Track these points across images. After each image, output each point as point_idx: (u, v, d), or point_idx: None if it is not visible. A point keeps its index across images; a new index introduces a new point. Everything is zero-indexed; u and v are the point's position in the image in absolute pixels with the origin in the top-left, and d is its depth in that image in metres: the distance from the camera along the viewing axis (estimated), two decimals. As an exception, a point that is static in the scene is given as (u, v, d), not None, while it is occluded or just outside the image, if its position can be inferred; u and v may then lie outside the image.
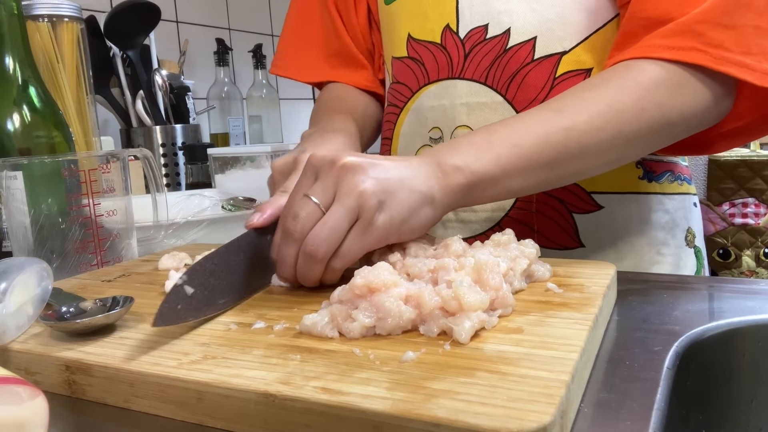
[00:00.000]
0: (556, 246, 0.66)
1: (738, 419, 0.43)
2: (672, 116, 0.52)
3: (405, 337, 0.36)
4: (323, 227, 0.43)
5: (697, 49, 0.51)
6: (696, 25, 0.51)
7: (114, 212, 0.62)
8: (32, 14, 0.80)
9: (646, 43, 0.53)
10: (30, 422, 0.28)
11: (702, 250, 0.72)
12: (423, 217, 0.46)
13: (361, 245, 0.44)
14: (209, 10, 1.68)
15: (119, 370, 0.35)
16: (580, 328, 0.35)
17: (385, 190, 0.44)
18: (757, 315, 0.43)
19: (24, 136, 0.67)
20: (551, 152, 0.50)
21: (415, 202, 0.45)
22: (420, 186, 0.45)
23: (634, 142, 0.53)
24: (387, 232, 0.44)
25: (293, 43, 0.85)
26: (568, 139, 0.50)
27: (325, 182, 0.45)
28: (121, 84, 1.25)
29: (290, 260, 0.45)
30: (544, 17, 0.62)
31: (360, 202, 0.43)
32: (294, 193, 0.47)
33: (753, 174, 1.97)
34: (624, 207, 0.65)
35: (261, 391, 0.30)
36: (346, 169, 0.44)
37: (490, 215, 0.67)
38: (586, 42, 0.62)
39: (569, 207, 0.65)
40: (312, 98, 2.09)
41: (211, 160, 1.14)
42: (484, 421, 0.26)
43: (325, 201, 0.44)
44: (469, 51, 0.65)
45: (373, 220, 0.43)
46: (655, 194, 0.67)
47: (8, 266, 0.41)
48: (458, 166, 0.47)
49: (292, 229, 0.44)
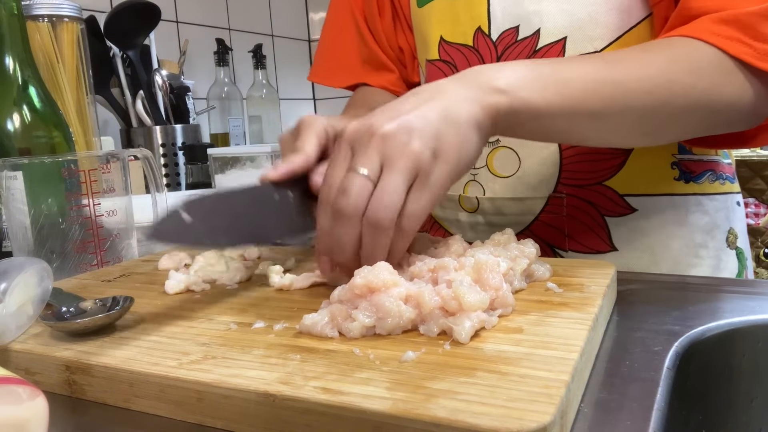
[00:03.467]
0: (589, 250, 0.65)
1: (738, 419, 0.43)
2: (718, 103, 0.50)
3: (405, 337, 0.36)
4: (382, 194, 0.40)
5: (741, 42, 0.49)
6: (747, 17, 0.49)
7: (114, 212, 0.62)
8: (32, 14, 0.80)
9: (695, 26, 0.51)
10: (30, 422, 0.28)
11: (745, 251, 0.70)
12: (473, 145, 0.44)
13: (428, 199, 0.42)
14: (209, 10, 1.67)
15: (119, 370, 0.35)
16: (580, 328, 0.35)
17: (433, 137, 0.41)
18: (757, 315, 0.43)
19: (24, 136, 0.67)
20: (597, 101, 0.47)
21: (463, 135, 0.43)
22: (463, 113, 0.43)
23: (675, 118, 0.51)
24: (449, 178, 0.42)
25: (329, 53, 0.87)
26: (615, 93, 0.48)
27: (367, 152, 0.41)
28: (121, 84, 1.25)
29: (349, 240, 0.41)
30: (574, 17, 0.61)
31: (414, 162, 0.41)
32: (332, 170, 0.43)
33: (753, 174, 1.97)
34: (659, 209, 0.64)
35: (261, 391, 0.30)
36: (386, 138, 0.41)
37: (519, 219, 0.66)
38: (618, 42, 0.60)
39: (601, 210, 0.64)
40: (312, 98, 2.10)
41: (211, 160, 1.14)
42: (483, 421, 0.26)
43: (373, 171, 0.41)
44: (501, 53, 0.64)
45: (432, 173, 0.41)
46: (693, 195, 0.65)
47: (8, 266, 0.41)
48: (502, 88, 0.45)
49: (344, 206, 0.41)
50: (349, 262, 0.42)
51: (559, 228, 0.65)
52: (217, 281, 0.51)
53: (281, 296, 0.46)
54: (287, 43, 1.96)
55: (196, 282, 0.49)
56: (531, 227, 0.66)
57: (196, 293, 0.49)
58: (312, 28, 2.07)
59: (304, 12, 2.06)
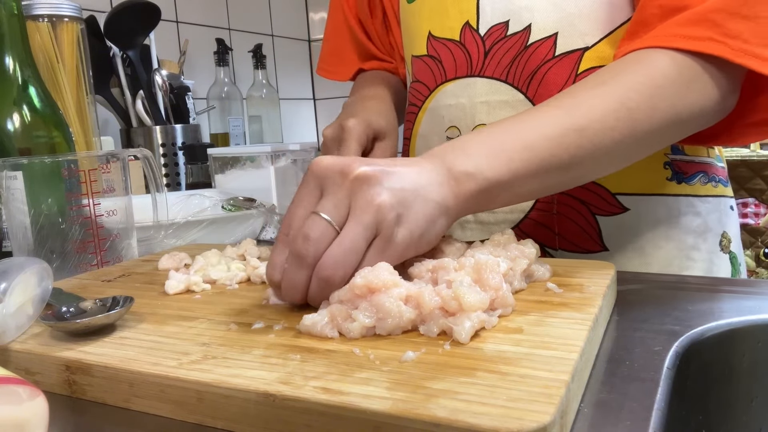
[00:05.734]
0: (578, 250, 0.64)
1: (738, 419, 0.43)
2: (683, 114, 0.51)
3: (405, 337, 0.36)
4: (339, 249, 0.40)
5: (713, 40, 0.49)
6: (713, 14, 0.49)
7: (114, 212, 0.62)
8: (32, 14, 0.80)
9: (660, 32, 0.51)
10: (30, 422, 0.28)
11: (738, 255, 0.69)
12: (438, 227, 0.44)
13: (384, 262, 0.41)
14: (209, 10, 1.67)
15: (119, 370, 0.35)
16: (580, 328, 0.35)
17: (402, 203, 0.41)
18: (757, 315, 0.43)
19: (24, 136, 0.67)
20: (564, 154, 0.48)
21: (431, 214, 0.42)
22: (434, 195, 0.43)
23: (644, 142, 0.51)
24: (407, 247, 0.42)
25: (331, 48, 0.92)
26: (581, 140, 0.48)
27: (336, 196, 0.41)
28: (121, 84, 1.25)
29: (301, 285, 0.41)
30: (565, 12, 0.61)
31: (378, 217, 0.40)
32: (296, 208, 0.43)
33: (753, 174, 1.97)
34: (651, 209, 0.63)
35: (261, 391, 0.30)
36: (359, 180, 0.41)
37: (508, 217, 0.66)
38: (610, 37, 0.60)
39: (592, 209, 0.63)
40: (312, 98, 2.09)
41: (211, 160, 1.14)
42: (483, 421, 0.26)
43: (338, 218, 0.40)
44: (489, 48, 0.64)
45: (392, 236, 0.41)
46: (685, 196, 0.64)
47: (8, 266, 0.41)
48: (470, 172, 0.45)
49: (304, 253, 0.40)
50: (299, 301, 0.42)
51: (549, 227, 0.64)
52: (217, 281, 0.51)
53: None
54: (287, 43, 1.96)
55: (196, 282, 0.49)
56: (520, 225, 0.65)
57: (196, 293, 0.49)
58: (312, 28, 2.07)
59: (304, 12, 2.06)
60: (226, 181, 1.12)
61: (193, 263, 0.53)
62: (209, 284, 0.50)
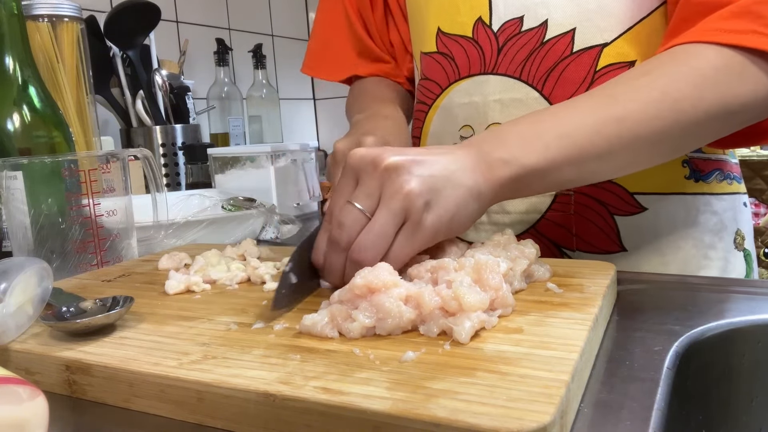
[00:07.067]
0: (596, 250, 0.63)
1: (738, 419, 0.43)
2: (733, 105, 0.49)
3: (405, 337, 0.36)
4: (369, 234, 0.42)
5: (757, 32, 0.48)
6: (756, 6, 0.48)
7: (114, 212, 0.62)
8: (32, 14, 0.80)
9: (703, 27, 0.50)
10: (30, 422, 0.28)
11: (752, 252, 0.68)
12: (470, 212, 0.44)
13: (411, 247, 0.43)
14: (209, 10, 1.67)
15: (119, 370, 0.35)
16: (580, 328, 0.35)
17: (432, 189, 0.42)
18: (757, 315, 0.43)
19: (24, 136, 0.67)
20: (603, 143, 0.47)
21: (461, 198, 0.43)
22: (466, 180, 0.44)
23: (691, 133, 0.50)
24: (436, 232, 0.43)
25: (322, 46, 0.87)
26: (620, 130, 0.47)
27: (368, 186, 0.43)
28: (121, 84, 1.25)
29: (338, 268, 0.44)
30: (583, 7, 0.59)
31: (406, 204, 0.42)
32: (336, 198, 0.45)
33: (753, 174, 1.97)
34: (669, 208, 0.62)
35: (261, 391, 0.30)
36: (389, 170, 0.43)
37: (524, 218, 0.65)
38: (629, 33, 0.59)
39: (610, 209, 0.62)
40: (312, 98, 2.09)
41: (211, 160, 1.14)
42: (483, 421, 0.26)
43: (370, 206, 0.43)
44: (502, 45, 0.63)
45: (421, 221, 0.42)
46: (702, 195, 0.63)
47: (8, 266, 0.41)
48: (505, 159, 0.45)
49: (338, 238, 0.43)
50: (339, 283, 0.44)
51: (566, 227, 0.63)
52: (217, 281, 0.51)
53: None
54: (287, 43, 1.96)
55: (196, 282, 0.49)
56: (537, 226, 0.64)
57: (196, 293, 0.49)
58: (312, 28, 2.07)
59: (304, 12, 2.07)
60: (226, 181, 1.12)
61: (193, 263, 0.53)
62: (209, 284, 0.50)
